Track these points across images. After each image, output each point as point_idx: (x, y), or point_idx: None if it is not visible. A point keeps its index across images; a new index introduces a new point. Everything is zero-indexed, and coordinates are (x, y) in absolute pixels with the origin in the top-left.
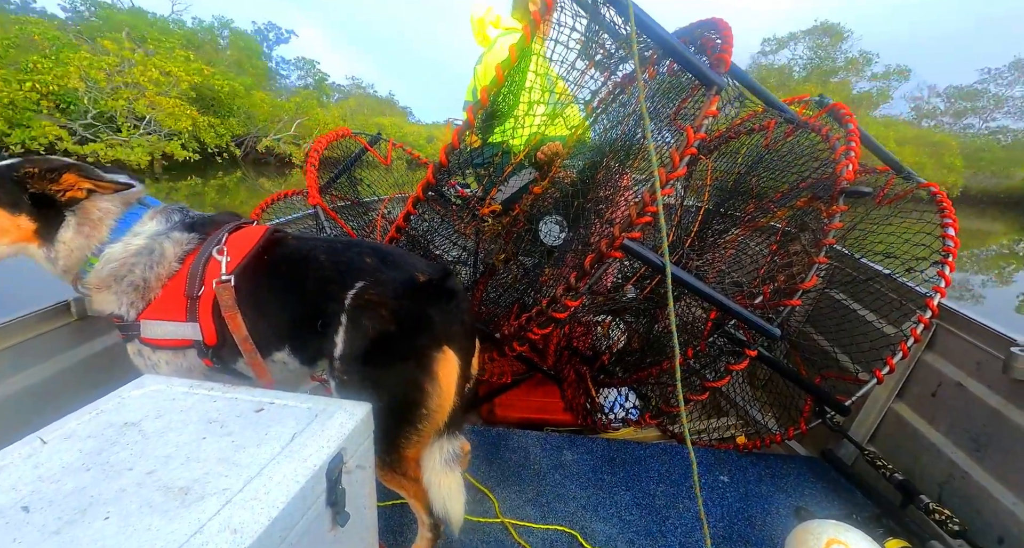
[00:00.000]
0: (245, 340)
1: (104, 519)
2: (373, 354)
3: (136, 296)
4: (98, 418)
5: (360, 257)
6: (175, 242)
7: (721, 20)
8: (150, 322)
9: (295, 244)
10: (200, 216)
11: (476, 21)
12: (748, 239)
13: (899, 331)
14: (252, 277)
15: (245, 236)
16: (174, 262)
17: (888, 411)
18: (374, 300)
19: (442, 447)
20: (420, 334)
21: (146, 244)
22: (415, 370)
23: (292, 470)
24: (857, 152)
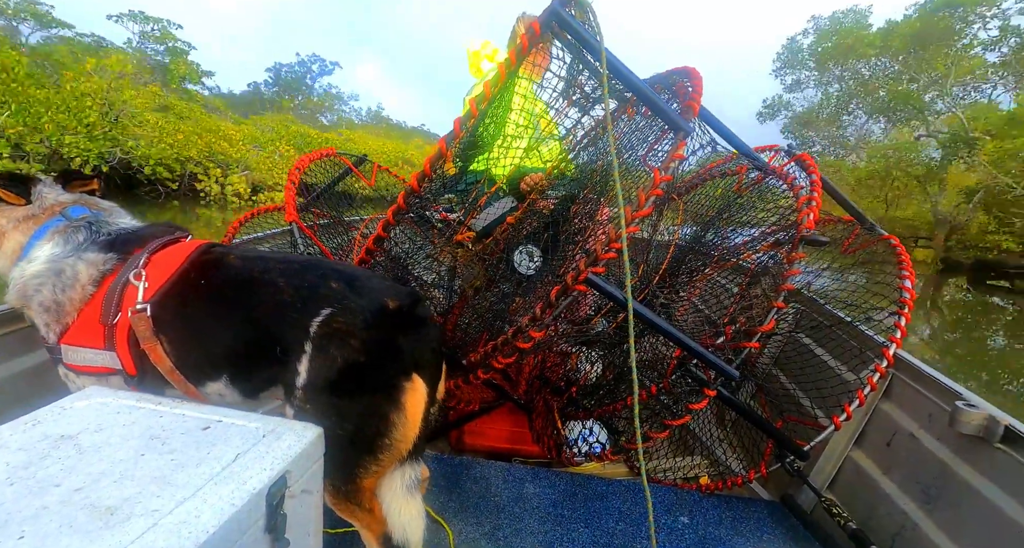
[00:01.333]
0: (172, 371)
1: (18, 539)
2: (339, 384)
3: (50, 318)
4: (33, 429)
5: (324, 281)
6: (89, 263)
7: (693, 69)
8: (70, 347)
9: (239, 264)
10: (124, 230)
11: (472, 54)
12: (721, 277)
13: (857, 379)
14: (181, 301)
15: (172, 256)
16: (88, 285)
17: (846, 459)
18: (343, 329)
19: (404, 473)
20: (390, 364)
21: (45, 270)
22: (382, 401)
23: (229, 492)
24: (818, 202)
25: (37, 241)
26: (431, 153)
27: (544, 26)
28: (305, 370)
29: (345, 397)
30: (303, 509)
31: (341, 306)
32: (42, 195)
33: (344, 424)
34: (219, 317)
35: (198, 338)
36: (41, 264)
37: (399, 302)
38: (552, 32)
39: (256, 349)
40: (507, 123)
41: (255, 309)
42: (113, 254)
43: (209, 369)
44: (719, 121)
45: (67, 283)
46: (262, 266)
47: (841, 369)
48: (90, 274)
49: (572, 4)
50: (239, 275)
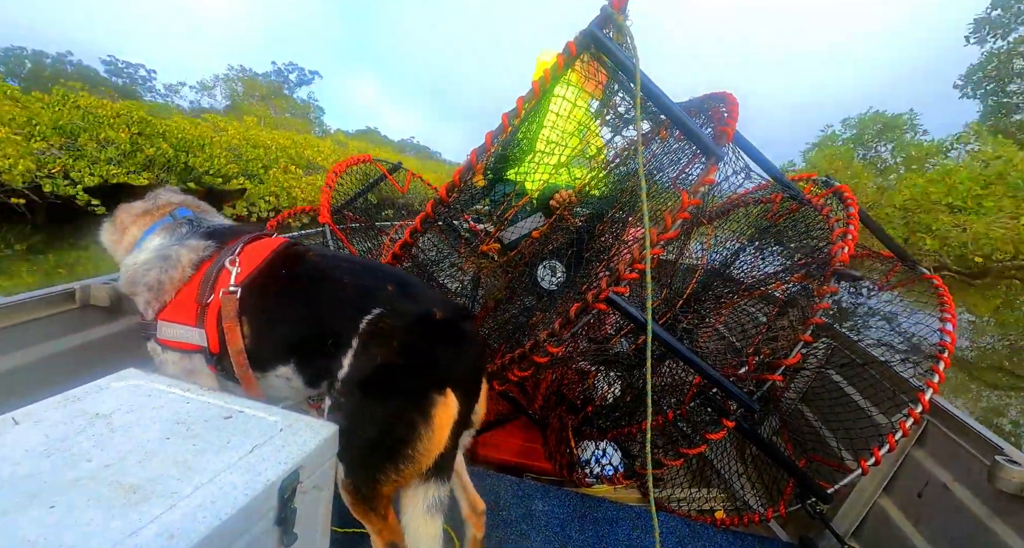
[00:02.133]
0: (239, 353)
1: (50, 507)
2: (374, 383)
3: (152, 296)
4: (72, 406)
5: (382, 283)
6: (190, 248)
7: (730, 95)
8: (165, 323)
9: (316, 261)
10: (221, 225)
11: (541, 63)
12: (747, 306)
13: (889, 422)
14: (264, 289)
15: (261, 248)
16: (188, 268)
17: (874, 506)
18: (386, 329)
19: (427, 493)
20: (424, 372)
21: (153, 257)
22: (411, 409)
23: (244, 482)
24: (855, 235)
25: (149, 235)
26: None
27: (581, 47)
28: (348, 364)
29: (376, 396)
30: (313, 505)
31: (391, 307)
32: (157, 196)
33: (370, 424)
34: (294, 305)
35: (276, 322)
36: (150, 253)
37: (446, 314)
38: (589, 53)
39: (318, 338)
40: (539, 140)
41: (322, 301)
42: (211, 242)
43: (282, 352)
44: (755, 148)
45: (171, 265)
46: (333, 264)
47: (872, 411)
48: (190, 258)
49: (610, 26)
50: (314, 270)
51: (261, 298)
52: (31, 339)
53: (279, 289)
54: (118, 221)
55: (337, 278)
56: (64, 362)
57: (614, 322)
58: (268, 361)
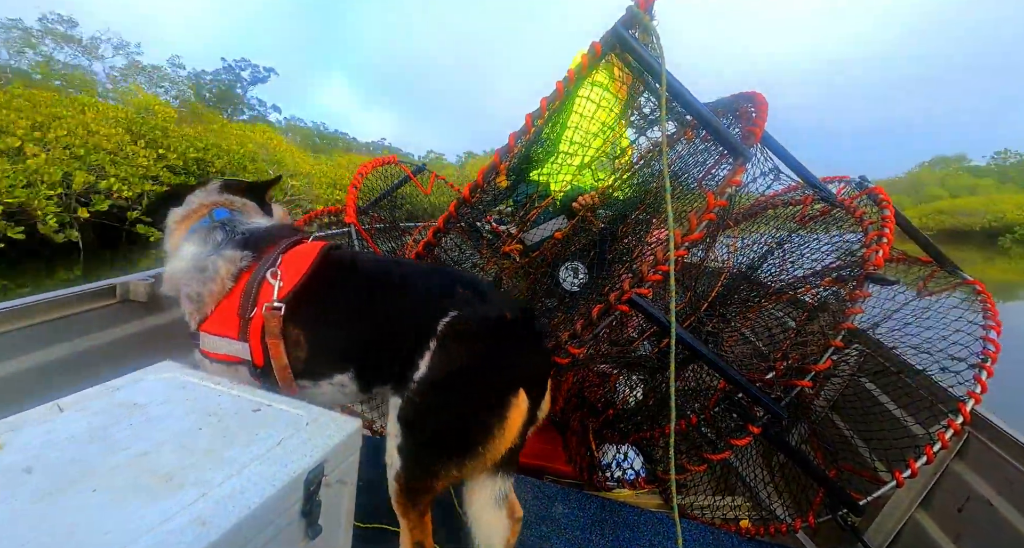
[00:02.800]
0: (284, 368)
1: (92, 491)
2: (453, 384)
3: (193, 308)
4: (113, 395)
5: (453, 285)
6: (227, 260)
7: (758, 94)
8: (207, 335)
9: (370, 265)
10: (256, 229)
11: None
12: (775, 310)
13: (927, 433)
14: (316, 299)
15: (302, 255)
16: (227, 280)
17: (910, 520)
18: (465, 332)
19: (494, 485)
20: (501, 374)
21: (190, 267)
22: (488, 410)
23: (272, 473)
24: (890, 239)
25: (186, 240)
26: (484, 165)
27: (606, 47)
28: (426, 365)
29: (454, 397)
30: (337, 499)
31: (467, 310)
32: (190, 199)
33: (443, 422)
34: (353, 312)
35: (334, 332)
36: (186, 261)
37: (517, 315)
38: (614, 53)
39: (386, 343)
40: (563, 140)
41: (390, 306)
42: (248, 252)
43: (340, 361)
44: (785, 149)
45: (209, 277)
46: (394, 267)
47: (908, 421)
48: (228, 270)
49: (636, 26)
50: (371, 274)
51: (314, 309)
52: (75, 332)
53: (334, 297)
54: (168, 227)
55: (401, 282)
56: (104, 354)
57: (637, 324)
58: (323, 371)
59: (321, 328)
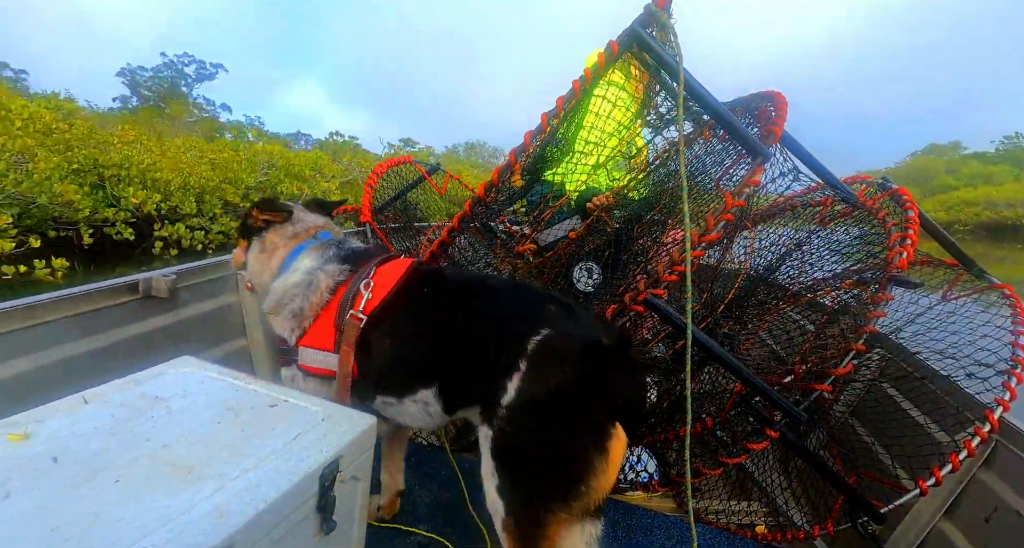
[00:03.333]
0: (345, 377)
1: (114, 482)
2: (547, 410)
3: (295, 323)
4: (135, 389)
5: (542, 302)
6: (328, 273)
7: (778, 94)
8: (307, 349)
9: (457, 279)
10: (358, 248)
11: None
12: (794, 312)
13: (952, 441)
14: (403, 311)
15: (393, 269)
16: (326, 292)
17: (934, 530)
18: (560, 353)
19: (584, 528)
20: (600, 402)
21: (300, 279)
22: (587, 442)
23: (288, 468)
24: (914, 240)
25: (298, 255)
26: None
27: (623, 46)
28: (515, 388)
29: (550, 425)
30: (351, 495)
31: (559, 329)
32: (302, 219)
33: (544, 456)
34: (438, 325)
35: (415, 344)
36: (300, 275)
37: (613, 339)
38: (631, 52)
39: (470, 359)
40: (578, 140)
41: (476, 320)
42: (347, 266)
43: (423, 375)
44: (805, 149)
45: (312, 290)
46: (480, 281)
47: (932, 428)
48: (327, 283)
49: (653, 24)
50: (460, 288)
51: (399, 321)
52: (100, 326)
53: (419, 310)
54: (268, 242)
55: (488, 296)
56: (127, 348)
57: (651, 326)
58: (406, 385)
59: (404, 340)
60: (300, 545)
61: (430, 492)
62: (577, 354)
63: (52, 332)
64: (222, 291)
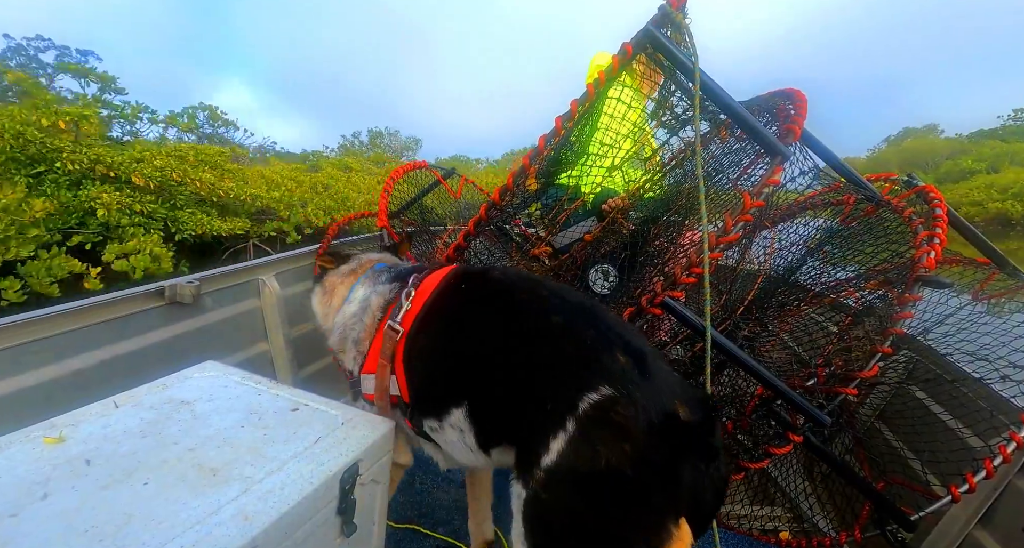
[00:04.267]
0: (384, 391)
1: (144, 484)
2: (592, 492)
3: (357, 351)
4: (162, 393)
5: (609, 346)
6: (379, 294)
7: (798, 91)
8: (366, 376)
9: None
10: (408, 267)
11: (595, 65)
12: (816, 314)
13: (986, 446)
14: (437, 318)
15: (432, 278)
16: (377, 312)
17: (968, 538)
18: (619, 424)
19: None
20: (664, 497)
21: (358, 308)
22: (639, 539)
23: (309, 471)
24: (943, 239)
25: (354, 288)
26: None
27: (637, 47)
28: (557, 451)
29: (594, 511)
30: (371, 498)
31: (624, 391)
32: (359, 255)
33: (577, 541)
34: (475, 334)
35: (449, 353)
36: (357, 304)
37: (693, 415)
38: (646, 53)
39: (507, 387)
40: (593, 142)
41: (519, 340)
42: (395, 284)
43: (453, 390)
44: (826, 147)
45: (367, 314)
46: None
47: (964, 432)
48: (378, 302)
49: (668, 25)
50: (506, 295)
51: (435, 327)
52: (129, 332)
53: (456, 315)
54: (328, 285)
55: (542, 313)
56: (154, 353)
57: (669, 328)
58: (441, 402)
59: (438, 348)
60: (322, 547)
61: (449, 495)
62: (643, 432)
63: (84, 338)
64: (244, 296)
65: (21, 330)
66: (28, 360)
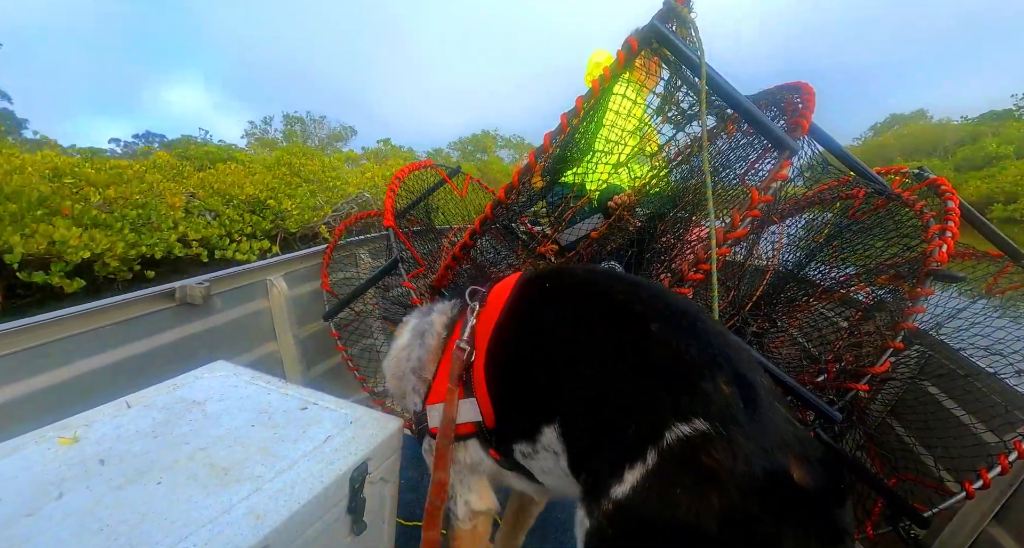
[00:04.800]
0: (450, 421)
1: (157, 483)
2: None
3: (417, 380)
4: (173, 393)
5: (711, 369)
6: (439, 312)
7: (805, 84)
8: (434, 407)
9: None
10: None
11: (593, 64)
12: (826, 309)
13: (1001, 441)
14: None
15: (503, 287)
16: (442, 331)
17: (983, 535)
18: (710, 469)
19: None
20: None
21: (410, 336)
22: None
23: (319, 470)
24: (955, 232)
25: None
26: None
27: (642, 42)
28: (631, 484)
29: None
30: (380, 496)
31: (723, 431)
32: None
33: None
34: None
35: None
36: (407, 334)
37: (812, 478)
38: (651, 49)
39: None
40: (599, 139)
41: (614, 350)
42: (456, 301)
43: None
44: (833, 140)
45: (426, 336)
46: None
47: (978, 428)
48: (442, 320)
49: (672, 19)
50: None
51: (513, 337)
52: (140, 333)
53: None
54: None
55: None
56: (165, 353)
57: None
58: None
59: (524, 368)
60: (332, 546)
61: None
62: (740, 486)
63: (95, 340)
64: (252, 297)
65: (31, 334)
66: (40, 363)
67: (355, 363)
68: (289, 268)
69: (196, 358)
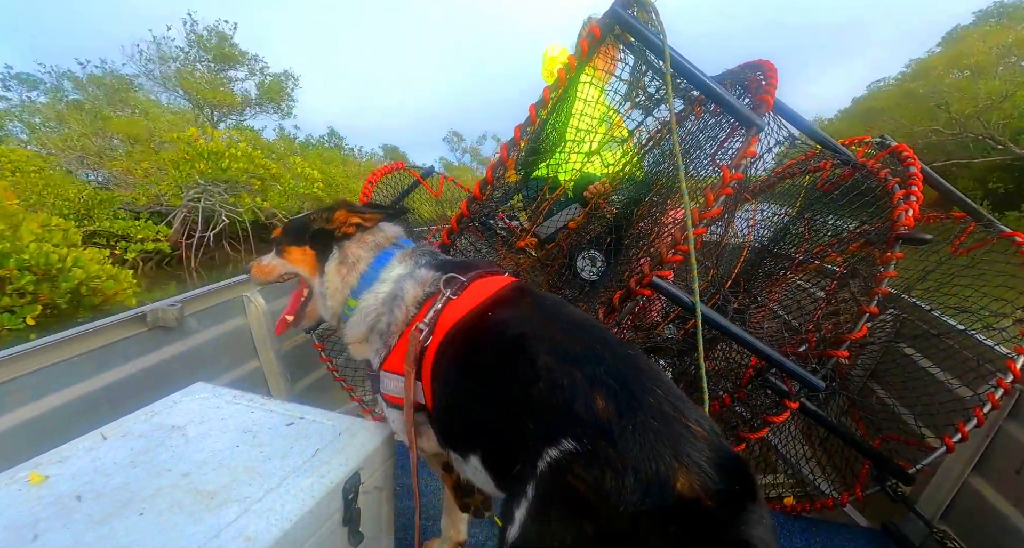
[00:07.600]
0: (408, 407)
1: (139, 515)
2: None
3: (381, 343)
4: (151, 420)
5: (590, 388)
6: (417, 282)
7: (767, 62)
8: (385, 374)
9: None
10: (452, 260)
11: (548, 58)
12: (803, 281)
13: (975, 395)
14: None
15: (486, 285)
16: (412, 307)
17: (964, 486)
18: (577, 492)
19: None
20: None
21: (392, 289)
22: None
23: (309, 485)
24: (919, 196)
25: (383, 266)
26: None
27: (605, 29)
28: (519, 522)
29: None
30: (376, 505)
31: (591, 448)
32: (383, 227)
33: None
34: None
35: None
36: (391, 285)
37: (699, 486)
38: (613, 35)
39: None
40: (569, 129)
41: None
42: (438, 274)
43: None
44: (798, 115)
45: (397, 304)
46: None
47: (953, 384)
48: (415, 294)
49: (633, 4)
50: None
51: (461, 350)
52: (113, 360)
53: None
54: (351, 253)
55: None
56: (141, 380)
57: (660, 308)
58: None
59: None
60: None
61: None
62: (614, 506)
63: (64, 372)
64: (229, 315)
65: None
66: (8, 400)
67: (341, 373)
68: None
69: (175, 382)
